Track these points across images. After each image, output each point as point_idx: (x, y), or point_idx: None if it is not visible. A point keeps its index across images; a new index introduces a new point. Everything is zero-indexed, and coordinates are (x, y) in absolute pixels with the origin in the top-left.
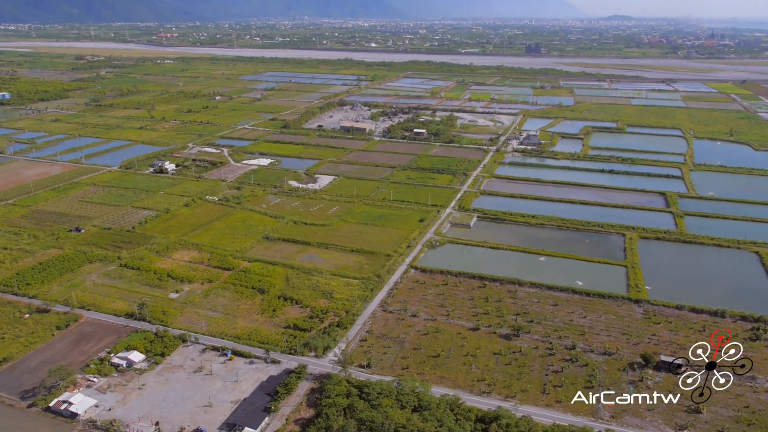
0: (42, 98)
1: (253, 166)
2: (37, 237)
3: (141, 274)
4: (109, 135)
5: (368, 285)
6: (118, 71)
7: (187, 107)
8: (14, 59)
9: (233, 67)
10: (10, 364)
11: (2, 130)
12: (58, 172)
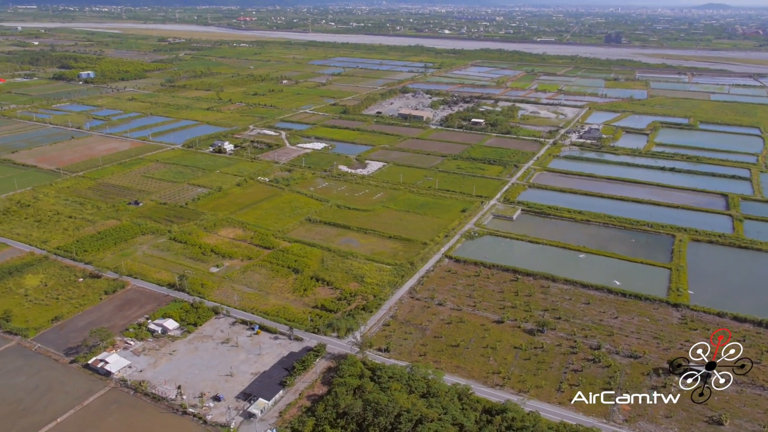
0: (123, 78)
1: (308, 149)
2: (100, 208)
3: (187, 247)
4: (177, 114)
5: (400, 271)
6: (196, 53)
7: (254, 90)
8: (103, 40)
9: (305, 52)
10: (61, 323)
11: (83, 107)
12: (126, 148)
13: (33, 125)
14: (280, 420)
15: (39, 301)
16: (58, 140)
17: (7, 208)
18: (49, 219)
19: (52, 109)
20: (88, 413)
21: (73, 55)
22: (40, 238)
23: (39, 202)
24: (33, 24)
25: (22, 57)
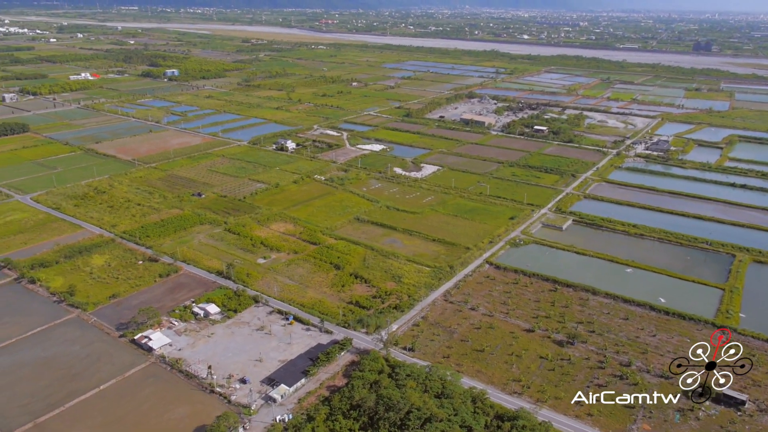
0: (204, 76)
1: (366, 150)
2: (166, 197)
3: (239, 239)
4: (248, 113)
5: (438, 274)
6: (275, 54)
7: (324, 91)
8: (192, 40)
9: (379, 55)
10: (117, 300)
11: (164, 103)
12: (197, 143)
13: (118, 118)
14: (298, 406)
15: (101, 280)
16: (137, 133)
17: (85, 193)
18: (121, 205)
19: (137, 104)
20: (127, 384)
21: (162, 54)
22: (110, 222)
23: (114, 189)
24: (132, 24)
25: (118, 55)
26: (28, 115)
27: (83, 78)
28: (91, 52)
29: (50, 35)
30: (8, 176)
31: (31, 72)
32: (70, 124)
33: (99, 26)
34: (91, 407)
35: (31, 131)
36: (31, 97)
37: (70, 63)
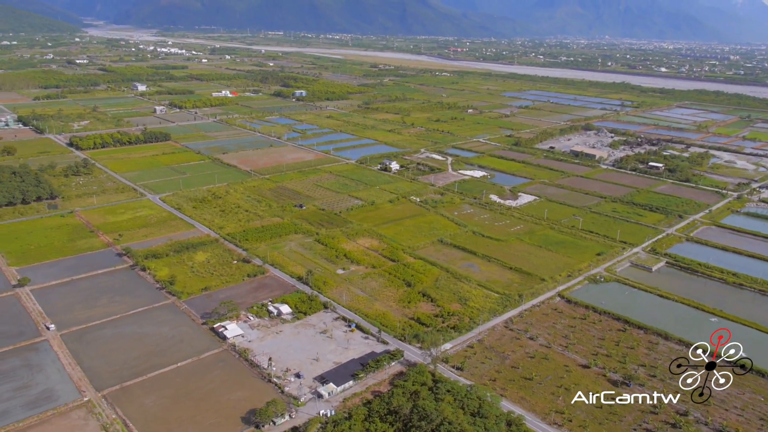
0: (328, 98)
1: (466, 176)
2: (271, 206)
3: (326, 249)
4: (362, 133)
5: (505, 301)
6: (399, 80)
7: (438, 117)
8: (325, 64)
9: (501, 83)
10: (208, 293)
11: (288, 120)
12: (309, 159)
13: (245, 132)
14: (341, 405)
15: (198, 273)
16: (259, 147)
17: (204, 197)
18: (231, 210)
19: (264, 120)
20: (201, 364)
21: (294, 76)
22: (218, 224)
23: (228, 196)
24: (275, 48)
25: (256, 75)
26: (172, 126)
27: (223, 95)
28: (234, 72)
29: (203, 56)
30: (146, 178)
31: (181, 88)
32: (204, 136)
33: (245, 49)
34: (167, 380)
35: (171, 140)
36: (177, 110)
37: (214, 81)
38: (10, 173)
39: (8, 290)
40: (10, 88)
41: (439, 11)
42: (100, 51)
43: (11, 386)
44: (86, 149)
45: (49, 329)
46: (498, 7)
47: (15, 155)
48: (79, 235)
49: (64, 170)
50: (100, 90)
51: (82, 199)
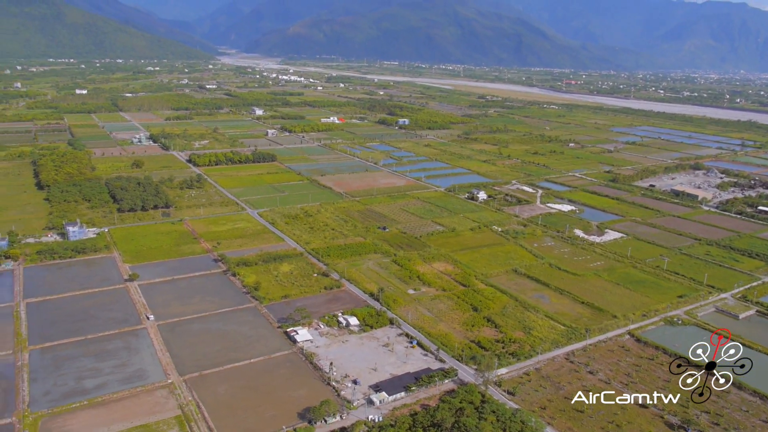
0: (430, 127)
1: (554, 210)
2: (356, 227)
3: (401, 270)
4: (456, 163)
5: (570, 334)
6: (504, 111)
7: (536, 149)
8: (434, 94)
9: (611, 118)
10: (286, 300)
11: (387, 147)
12: (400, 184)
13: (345, 157)
14: (390, 413)
15: (281, 282)
16: (355, 171)
17: (296, 214)
18: (319, 228)
19: (364, 146)
20: (269, 363)
21: (400, 105)
22: (306, 240)
23: (319, 214)
24: (387, 77)
25: (365, 103)
26: (280, 148)
27: (331, 121)
28: (345, 99)
29: (319, 84)
30: (249, 194)
31: (293, 113)
32: (307, 158)
33: (360, 78)
34: (239, 373)
35: (277, 161)
36: (287, 133)
37: (325, 108)
38: (136, 183)
39: (120, 283)
40: (148, 109)
41: (556, 43)
42: (228, 77)
43: (112, 363)
44: (202, 166)
45: (149, 319)
46: (620, 39)
47: (142, 168)
48: (185, 240)
49: (180, 183)
50: (223, 113)
51: (191, 210)
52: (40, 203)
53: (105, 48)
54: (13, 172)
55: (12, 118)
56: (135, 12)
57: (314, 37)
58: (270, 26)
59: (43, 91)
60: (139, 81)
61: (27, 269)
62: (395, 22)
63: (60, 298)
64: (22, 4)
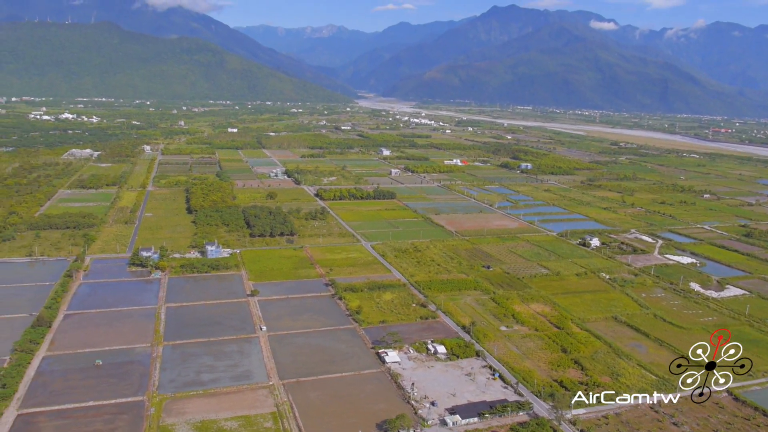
0: (553, 172)
1: (671, 261)
2: (461, 264)
3: (497, 308)
4: (574, 209)
5: (661, 384)
6: (636, 159)
7: (664, 199)
8: (563, 139)
9: (760, 170)
10: (384, 325)
11: (504, 190)
12: (512, 227)
13: (461, 198)
14: None
15: (381, 309)
16: (469, 212)
17: (406, 249)
18: (425, 262)
19: (482, 189)
20: (358, 378)
21: (526, 149)
22: (411, 272)
23: (427, 250)
24: (518, 122)
25: (490, 147)
26: (401, 186)
27: (453, 163)
28: (471, 143)
29: (448, 127)
30: (365, 227)
31: (418, 155)
32: (425, 198)
33: (489, 122)
34: (330, 383)
35: (396, 198)
36: (410, 173)
37: (450, 150)
38: (267, 212)
39: (243, 297)
40: (287, 147)
41: (709, 89)
42: (363, 119)
43: (226, 363)
44: (327, 199)
45: (262, 330)
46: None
47: (275, 199)
48: (302, 265)
49: (306, 214)
50: (353, 152)
51: (312, 239)
52: (188, 225)
53: (257, 91)
54: (170, 198)
55: (174, 151)
56: (287, 59)
57: (449, 82)
58: (408, 71)
59: (201, 129)
60: (283, 121)
61: (171, 279)
62: (532, 66)
63: (193, 305)
64: (191, 53)
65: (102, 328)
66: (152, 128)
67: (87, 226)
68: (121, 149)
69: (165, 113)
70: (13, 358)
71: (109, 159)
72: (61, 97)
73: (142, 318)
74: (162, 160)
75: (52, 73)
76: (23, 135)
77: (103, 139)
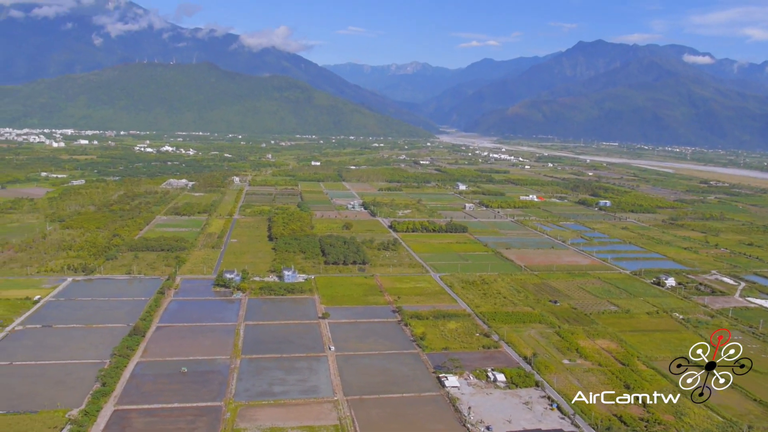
0: (632, 210)
1: (753, 304)
2: (527, 298)
3: (561, 341)
4: (652, 248)
5: (727, 427)
6: (727, 198)
7: (753, 240)
8: (649, 177)
9: None
10: (446, 352)
11: (580, 227)
12: (584, 263)
13: (534, 233)
14: None
15: (445, 337)
16: (540, 247)
17: (473, 281)
18: (491, 294)
19: (557, 225)
20: (418, 399)
21: (606, 186)
22: (476, 303)
23: (495, 283)
24: (602, 158)
25: (569, 183)
26: (474, 221)
27: (529, 199)
28: (549, 179)
29: (527, 163)
30: (435, 259)
31: (494, 190)
32: (497, 232)
33: (571, 158)
34: (391, 402)
35: (467, 232)
36: (484, 208)
37: (527, 186)
38: (342, 242)
39: (315, 319)
40: (366, 180)
41: None
42: (442, 154)
43: (296, 377)
44: (400, 231)
45: (330, 349)
46: None
47: (350, 230)
48: (372, 292)
49: (378, 245)
50: (429, 186)
51: (383, 268)
52: (268, 251)
53: (341, 126)
54: (253, 226)
55: (260, 182)
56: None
57: (532, 118)
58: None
59: (286, 162)
60: (364, 155)
61: (250, 300)
62: (619, 102)
63: (269, 324)
64: (282, 90)
65: (188, 340)
66: (242, 161)
67: (179, 249)
68: (213, 180)
69: (255, 146)
70: (112, 361)
71: (202, 189)
72: (163, 131)
73: (223, 333)
74: (249, 191)
75: (156, 109)
76: (129, 165)
77: (197, 170)
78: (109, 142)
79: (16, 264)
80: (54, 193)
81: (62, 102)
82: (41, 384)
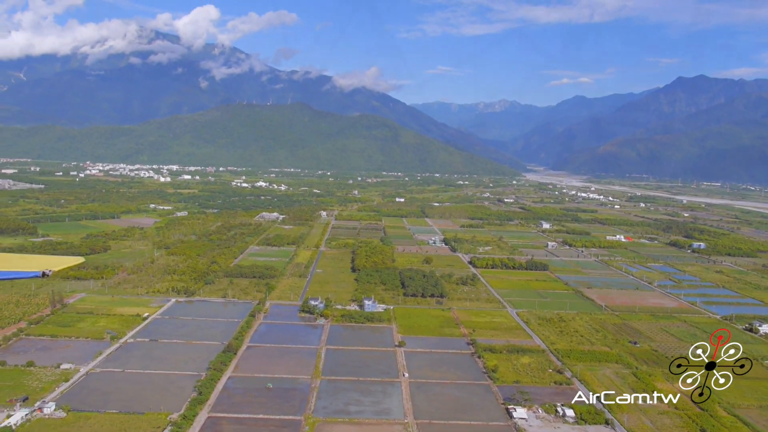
0: (730, 253)
1: None
2: (606, 337)
3: (638, 382)
4: (747, 293)
5: None
6: None
7: None
8: (751, 219)
9: None
10: (517, 385)
11: (669, 269)
12: (670, 306)
13: (618, 274)
14: None
15: (517, 370)
16: (624, 288)
17: (550, 318)
18: (568, 332)
19: (644, 266)
20: (485, 428)
21: (702, 228)
22: (551, 340)
23: (573, 321)
24: (700, 199)
25: (661, 224)
26: (556, 259)
27: (616, 239)
28: (640, 219)
29: (617, 202)
30: (513, 295)
31: (580, 229)
32: (579, 271)
33: (667, 198)
34: (458, 428)
35: (548, 270)
36: (567, 247)
37: (615, 226)
38: (422, 275)
39: (391, 347)
40: (448, 217)
41: None
42: (528, 192)
43: (370, 399)
44: (479, 267)
45: (404, 376)
46: None
47: (430, 264)
48: (447, 324)
49: (457, 279)
50: (512, 224)
51: (460, 302)
52: (351, 282)
53: (427, 163)
54: (338, 258)
55: (346, 217)
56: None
57: (625, 156)
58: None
59: (371, 198)
60: (448, 193)
61: (332, 326)
62: (723, 140)
63: (348, 349)
64: (370, 128)
65: (275, 359)
66: (330, 196)
67: (269, 277)
68: (302, 214)
69: (342, 183)
70: (208, 374)
71: (291, 222)
72: (258, 167)
73: (306, 355)
74: (335, 225)
75: (252, 146)
76: (226, 199)
77: (288, 204)
78: (209, 177)
79: (128, 285)
80: (161, 223)
81: (169, 140)
82: (148, 389)
